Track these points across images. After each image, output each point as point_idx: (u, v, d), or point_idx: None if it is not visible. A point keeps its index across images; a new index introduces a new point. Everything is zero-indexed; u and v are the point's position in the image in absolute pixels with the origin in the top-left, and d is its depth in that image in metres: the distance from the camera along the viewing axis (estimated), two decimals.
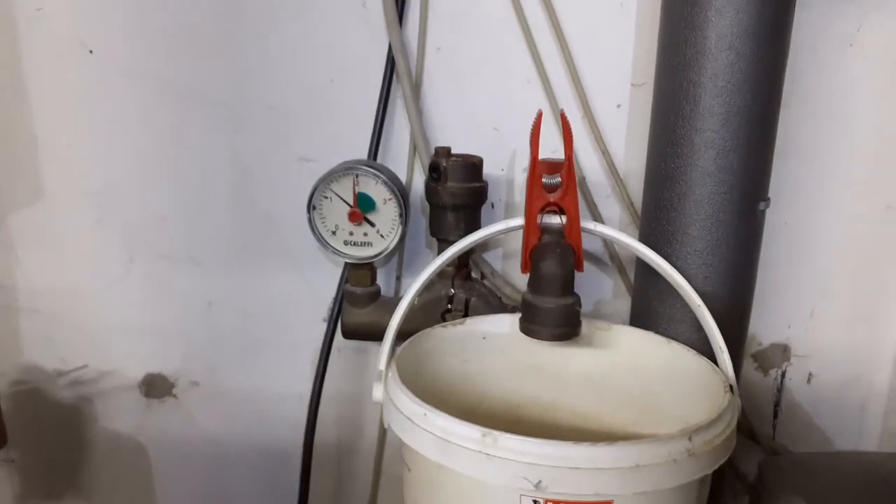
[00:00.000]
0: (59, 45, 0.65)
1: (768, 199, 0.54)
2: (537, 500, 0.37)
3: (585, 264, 0.66)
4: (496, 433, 0.38)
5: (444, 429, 0.40)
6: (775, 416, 0.71)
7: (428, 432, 0.40)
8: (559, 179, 0.50)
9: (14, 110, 0.67)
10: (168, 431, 0.77)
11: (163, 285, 0.71)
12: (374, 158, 0.64)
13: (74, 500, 0.80)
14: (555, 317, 0.48)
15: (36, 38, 0.65)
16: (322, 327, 0.68)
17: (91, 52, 0.64)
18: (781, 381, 0.70)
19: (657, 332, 0.54)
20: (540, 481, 0.37)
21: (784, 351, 0.69)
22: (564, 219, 0.50)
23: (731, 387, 0.47)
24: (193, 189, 0.68)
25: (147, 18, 0.64)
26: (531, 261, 0.50)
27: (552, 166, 0.50)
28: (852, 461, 0.67)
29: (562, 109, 0.53)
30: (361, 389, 0.74)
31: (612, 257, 0.66)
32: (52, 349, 0.74)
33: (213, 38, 0.64)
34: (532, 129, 0.50)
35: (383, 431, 0.74)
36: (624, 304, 0.65)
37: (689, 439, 0.39)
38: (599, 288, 0.67)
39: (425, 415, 0.41)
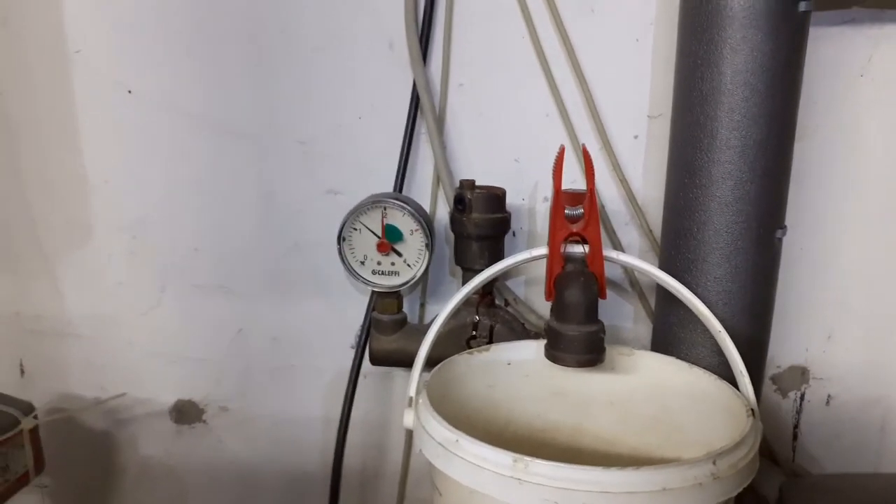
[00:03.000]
0: (100, 85, 0.68)
1: (785, 227, 0.55)
2: None
3: (614, 296, 0.68)
4: (527, 459, 0.39)
5: (476, 455, 0.41)
6: (795, 437, 0.71)
7: (460, 458, 0.42)
8: (582, 211, 0.52)
9: (63, 149, 0.70)
10: (198, 456, 0.79)
11: (194, 313, 0.74)
12: (400, 191, 0.67)
13: None
14: (580, 344, 0.50)
15: (79, 79, 0.68)
16: (349, 354, 0.70)
17: (130, 91, 0.67)
18: (801, 404, 0.71)
19: (678, 357, 0.56)
20: (570, 502, 0.38)
21: (803, 374, 0.70)
22: (587, 248, 0.52)
23: (752, 411, 0.48)
24: (225, 221, 0.71)
25: (182, 59, 0.67)
26: (555, 289, 0.52)
27: (574, 197, 0.52)
28: (872, 482, 0.67)
29: (583, 144, 0.55)
30: (387, 415, 0.76)
31: (633, 283, 0.67)
32: (88, 377, 0.77)
33: (246, 77, 0.67)
34: (555, 164, 0.52)
35: (408, 457, 0.75)
36: (644, 330, 0.67)
37: (714, 463, 0.40)
38: (619, 313, 0.68)
39: (457, 441, 0.42)
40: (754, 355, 0.56)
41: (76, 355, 0.77)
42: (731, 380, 0.51)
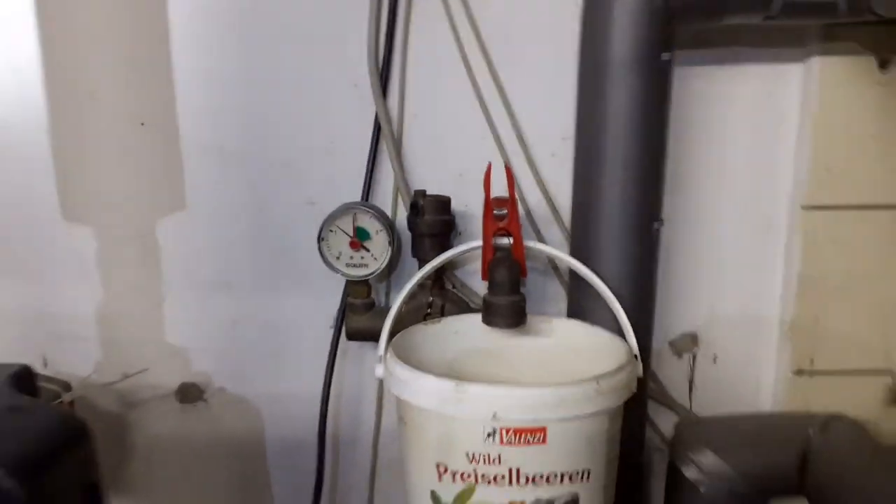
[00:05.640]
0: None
1: (661, 220, 0.72)
2: (495, 427, 0.55)
3: (536, 276, 0.84)
4: (465, 383, 0.55)
5: (428, 384, 0.57)
6: (690, 390, 0.89)
7: (417, 389, 0.58)
8: (506, 211, 0.69)
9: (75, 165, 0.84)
10: (200, 432, 0.91)
11: (196, 308, 0.87)
12: (367, 199, 0.82)
13: (116, 498, 0.94)
14: (507, 310, 0.66)
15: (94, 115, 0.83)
16: (328, 335, 0.85)
17: (143, 124, 0.82)
18: (693, 363, 0.88)
19: (585, 322, 0.72)
20: (496, 413, 0.54)
21: (693, 339, 0.87)
22: (511, 240, 0.68)
23: (636, 356, 0.65)
24: (223, 228, 0.85)
25: (194, 96, 0.82)
26: (489, 271, 0.68)
27: (501, 202, 0.69)
28: (748, 419, 0.84)
29: (506, 163, 0.71)
30: (361, 389, 0.89)
31: (556, 270, 0.84)
32: (104, 366, 0.89)
33: (244, 112, 0.82)
34: (484, 177, 0.68)
35: (379, 423, 0.90)
36: (565, 305, 0.83)
37: (598, 382, 0.56)
38: (545, 293, 0.85)
39: (415, 377, 0.58)
40: (642, 318, 0.73)
41: (93, 347, 0.90)
42: (623, 336, 0.68)
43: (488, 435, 0.56)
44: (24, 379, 0.47)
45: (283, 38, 0.80)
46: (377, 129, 0.80)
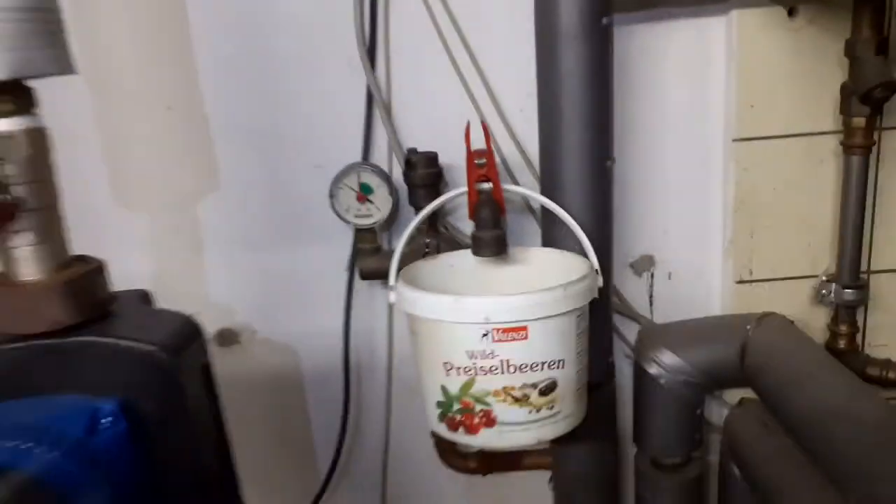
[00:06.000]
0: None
1: (613, 158, 0.87)
2: (487, 329, 0.70)
3: (514, 216, 0.99)
4: (462, 296, 0.70)
5: (433, 300, 0.72)
6: (651, 303, 1.05)
7: (424, 303, 0.73)
8: (485, 160, 0.83)
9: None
10: (238, 370, 1.07)
11: (228, 262, 1.01)
12: (367, 159, 0.96)
13: None
14: (490, 241, 0.80)
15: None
16: (344, 276, 1.00)
17: (169, 108, 0.95)
18: (651, 280, 1.04)
19: (556, 249, 0.87)
20: (487, 316, 0.70)
21: (650, 260, 1.02)
22: (491, 184, 0.83)
23: (596, 270, 0.80)
24: (248, 194, 0.99)
25: (214, 82, 0.95)
26: (474, 211, 0.83)
27: (480, 153, 0.83)
28: (698, 322, 0.98)
29: (482, 119, 0.85)
30: (373, 323, 1.05)
31: (530, 209, 0.99)
32: None
33: (256, 93, 0.95)
34: (465, 133, 0.82)
35: (391, 353, 1.06)
36: (539, 238, 0.98)
37: (564, 289, 0.72)
38: (522, 229, 1.00)
39: (423, 295, 0.73)
40: (602, 242, 0.88)
41: None
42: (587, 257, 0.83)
43: (483, 335, 0.71)
44: (146, 297, 0.62)
45: (284, 28, 0.93)
46: (370, 98, 0.94)
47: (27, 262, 0.51)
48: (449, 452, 1.02)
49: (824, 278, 0.99)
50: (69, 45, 0.53)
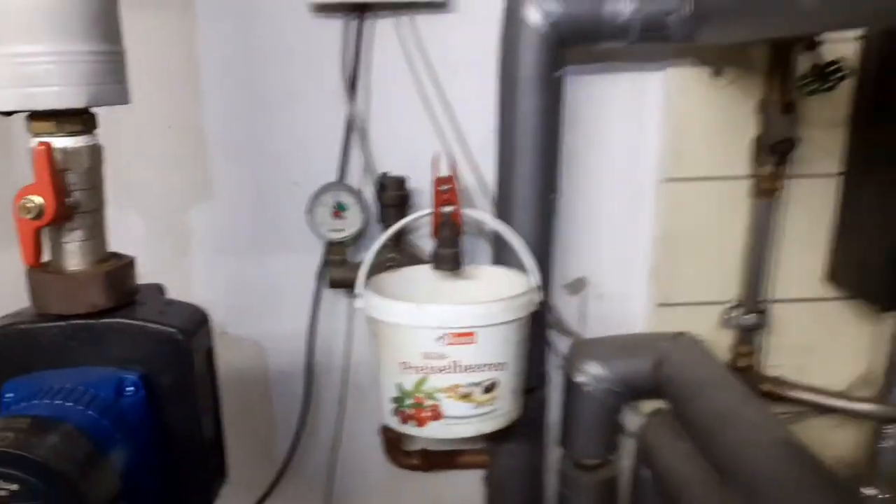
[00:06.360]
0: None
1: (556, 191, 1.01)
2: (441, 333, 0.82)
3: (471, 238, 1.12)
4: (422, 304, 0.83)
5: (396, 307, 0.84)
6: (583, 320, 1.18)
7: (388, 310, 0.85)
8: (449, 187, 0.96)
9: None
10: None
11: (209, 265, 1.10)
12: (342, 180, 1.08)
13: None
14: (449, 257, 0.93)
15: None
16: (312, 284, 1.11)
17: (169, 127, 1.05)
18: (584, 300, 1.18)
19: (503, 267, 1.00)
20: (442, 322, 0.82)
21: (584, 281, 1.16)
22: (453, 208, 0.96)
23: (538, 287, 0.93)
24: (229, 205, 1.09)
25: (212, 105, 1.04)
26: (437, 230, 0.95)
27: (445, 180, 0.96)
28: (622, 338, 1.10)
29: (448, 151, 0.98)
30: (333, 329, 1.14)
31: (483, 233, 1.12)
32: None
33: (246, 116, 1.05)
34: (432, 163, 0.95)
35: (348, 356, 1.16)
36: (489, 259, 1.11)
37: (509, 301, 0.85)
38: (476, 250, 1.11)
39: (386, 302, 0.85)
40: (544, 263, 1.01)
41: None
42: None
43: (437, 339, 0.83)
44: (161, 290, 0.72)
45: (278, 61, 1.03)
46: (349, 126, 1.06)
47: (74, 255, 0.62)
48: (395, 450, 1.11)
49: (731, 304, 1.14)
50: (128, 80, 0.64)
